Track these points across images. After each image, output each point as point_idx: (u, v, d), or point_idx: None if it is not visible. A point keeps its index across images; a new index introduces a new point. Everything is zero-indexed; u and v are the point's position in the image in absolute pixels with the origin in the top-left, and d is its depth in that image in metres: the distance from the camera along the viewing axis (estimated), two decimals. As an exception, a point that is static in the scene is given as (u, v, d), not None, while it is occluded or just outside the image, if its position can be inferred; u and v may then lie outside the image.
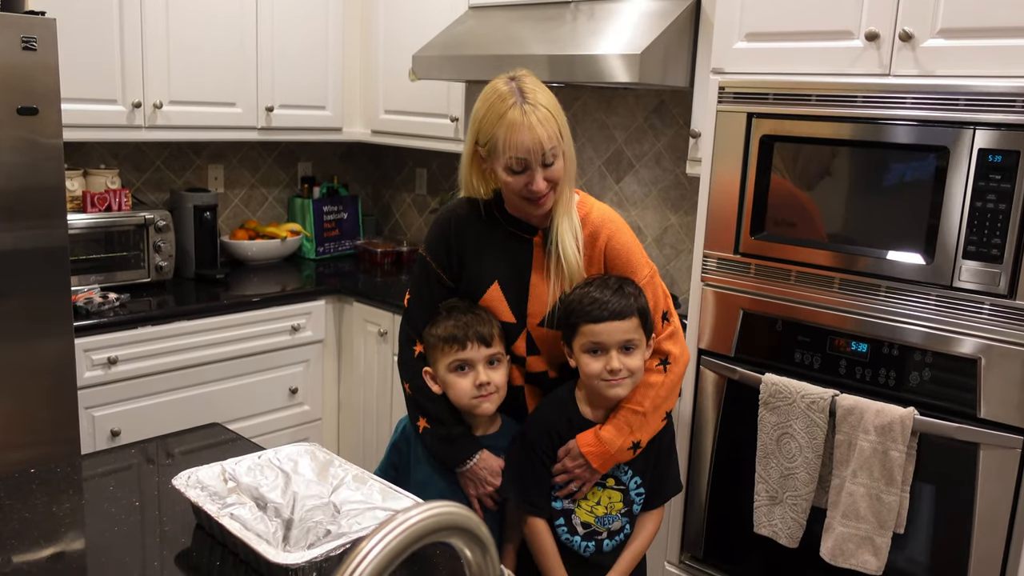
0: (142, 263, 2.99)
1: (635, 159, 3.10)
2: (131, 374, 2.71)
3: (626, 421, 1.77)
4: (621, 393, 1.74)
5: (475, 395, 1.76)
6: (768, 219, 2.08)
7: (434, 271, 1.85)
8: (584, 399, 1.82)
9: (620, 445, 1.76)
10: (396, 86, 3.39)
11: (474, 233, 1.83)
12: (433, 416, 1.81)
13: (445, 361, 1.77)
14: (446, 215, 1.86)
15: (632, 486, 1.83)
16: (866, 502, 1.91)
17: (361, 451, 3.31)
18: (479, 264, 1.84)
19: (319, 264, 3.68)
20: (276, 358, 3.10)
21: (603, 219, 1.81)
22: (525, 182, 1.69)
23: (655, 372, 1.80)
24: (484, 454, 1.81)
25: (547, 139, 1.66)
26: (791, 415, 2.02)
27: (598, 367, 1.71)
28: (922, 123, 1.82)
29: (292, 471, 1.53)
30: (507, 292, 1.84)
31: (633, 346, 1.72)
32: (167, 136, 3.02)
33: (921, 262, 1.85)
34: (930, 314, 1.86)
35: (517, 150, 1.65)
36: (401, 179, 4.02)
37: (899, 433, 1.86)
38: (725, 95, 2.11)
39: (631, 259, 1.80)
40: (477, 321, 1.77)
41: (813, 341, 2.03)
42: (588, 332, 1.72)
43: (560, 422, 1.80)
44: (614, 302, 1.71)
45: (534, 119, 1.65)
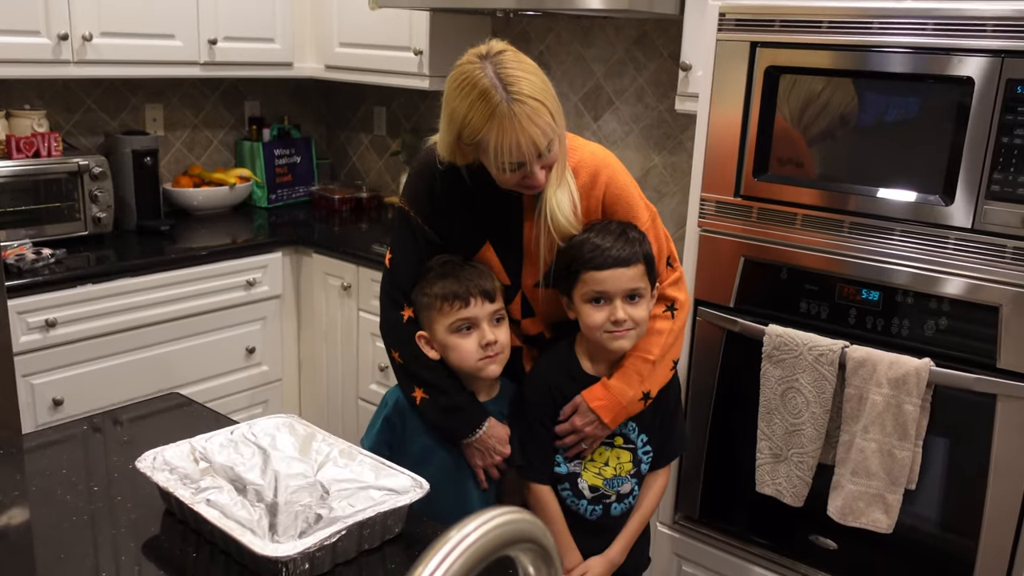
0: (77, 215, 2.80)
1: (615, 95, 2.98)
2: (72, 337, 2.55)
3: (636, 370, 1.71)
4: (626, 346, 1.68)
5: (481, 356, 1.66)
6: (772, 158, 2.00)
7: (419, 226, 1.73)
8: (585, 353, 1.75)
9: (631, 396, 1.70)
10: (352, 16, 3.20)
11: (461, 183, 1.70)
12: (432, 385, 1.70)
13: (446, 322, 1.67)
14: (428, 164, 1.71)
15: (640, 444, 1.77)
16: (877, 458, 1.87)
17: (326, 412, 3.21)
18: (469, 219, 1.73)
19: (271, 213, 3.52)
20: (230, 316, 2.96)
21: (597, 163, 1.70)
22: (520, 177, 1.57)
23: (662, 318, 1.74)
24: (491, 421, 1.72)
25: (541, 135, 1.51)
26: (797, 368, 1.96)
27: (601, 318, 1.65)
28: (944, 51, 1.73)
29: (270, 447, 1.42)
30: (500, 252, 1.74)
31: (638, 295, 1.66)
32: (99, 72, 2.81)
33: (940, 203, 1.79)
34: (948, 259, 1.80)
35: (512, 155, 1.52)
36: (358, 119, 3.84)
37: (914, 386, 1.82)
38: (726, 22, 2.00)
39: (631, 203, 1.72)
40: (478, 275, 1.68)
41: (820, 290, 1.97)
42: (590, 280, 1.64)
43: (561, 379, 1.74)
44: (618, 248, 1.63)
45: (524, 117, 1.49)
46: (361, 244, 3.03)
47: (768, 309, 2.05)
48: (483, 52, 1.53)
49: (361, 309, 2.98)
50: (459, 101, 1.53)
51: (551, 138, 1.54)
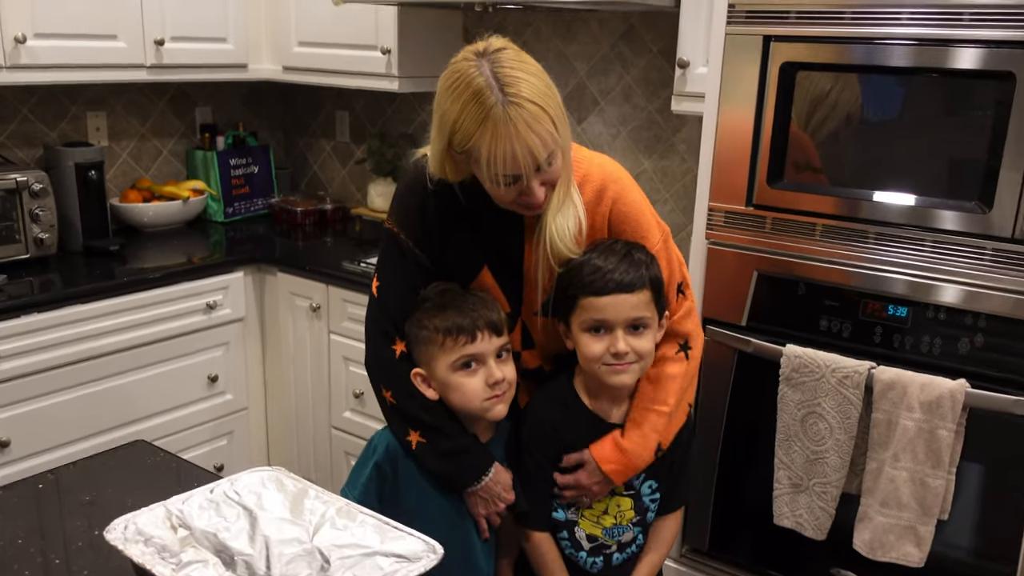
0: (17, 236, 2.62)
1: (600, 95, 2.88)
2: (16, 372, 2.38)
3: (652, 426, 1.59)
4: (627, 381, 1.56)
5: (488, 396, 1.54)
6: (788, 164, 1.91)
7: (410, 250, 1.59)
8: (584, 388, 1.64)
9: (647, 456, 1.60)
10: (312, 13, 3.06)
11: (456, 200, 1.57)
12: (431, 427, 1.57)
13: (448, 359, 1.54)
14: (417, 180, 1.58)
15: (646, 491, 1.67)
16: (909, 488, 1.80)
17: (296, 443, 3.06)
18: (465, 242, 1.60)
19: (229, 228, 3.35)
20: (190, 342, 2.80)
21: (605, 177, 1.59)
22: (517, 193, 1.45)
23: (675, 361, 1.62)
24: (497, 467, 1.60)
25: (540, 145, 1.38)
26: (819, 392, 1.88)
27: (600, 349, 1.53)
28: (982, 44, 1.66)
29: (257, 507, 1.29)
30: (500, 278, 1.61)
31: (643, 325, 1.54)
32: (34, 78, 2.63)
33: (977, 211, 1.72)
34: (984, 271, 1.73)
35: (506, 166, 1.39)
36: (318, 124, 3.70)
37: (948, 409, 1.75)
38: (736, 14, 1.91)
39: (641, 222, 1.60)
40: (482, 305, 1.55)
41: (843, 306, 1.89)
42: (589, 307, 1.52)
43: (559, 416, 1.63)
44: (621, 271, 1.51)
45: (521, 124, 1.36)
46: (329, 261, 2.89)
47: (785, 327, 1.97)
48: (480, 49, 1.41)
49: (332, 331, 2.84)
50: (450, 103, 1.41)
51: (552, 150, 1.41)
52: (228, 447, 2.98)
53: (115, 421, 2.62)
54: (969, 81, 1.69)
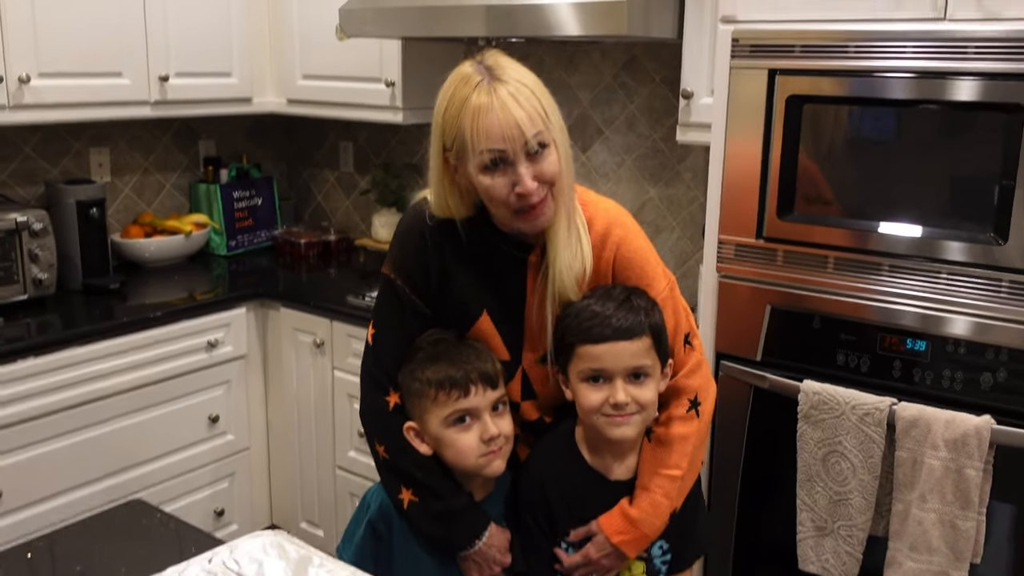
0: (16, 277, 2.56)
1: (604, 124, 2.82)
2: (11, 419, 2.30)
3: (664, 493, 1.49)
4: (628, 433, 1.47)
5: (483, 452, 1.46)
6: (798, 196, 1.85)
7: (408, 297, 1.53)
8: (586, 442, 1.54)
9: (660, 525, 1.50)
10: (316, 47, 3.02)
11: (455, 246, 1.51)
12: (424, 486, 1.49)
13: (441, 413, 1.46)
14: (415, 223, 1.53)
15: (656, 552, 1.57)
16: (938, 530, 1.71)
17: (299, 483, 2.98)
18: (464, 287, 1.53)
19: (232, 261, 3.30)
20: (191, 381, 2.73)
21: (610, 221, 1.52)
22: (510, 184, 1.37)
23: (686, 421, 1.52)
24: (492, 529, 1.52)
25: (527, 120, 1.34)
26: (840, 430, 1.80)
27: (598, 399, 1.44)
28: (989, 76, 1.60)
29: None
30: (499, 324, 1.54)
31: (644, 373, 1.45)
32: (38, 117, 2.58)
33: (992, 242, 1.64)
34: (1002, 303, 1.66)
35: (490, 139, 1.34)
36: (322, 155, 3.65)
37: (975, 447, 1.66)
38: (740, 48, 1.85)
39: (646, 269, 1.52)
40: (476, 357, 1.47)
41: (859, 340, 1.81)
42: (587, 356, 1.44)
43: (559, 472, 1.53)
44: (620, 317, 1.43)
45: (505, 95, 1.34)
46: (333, 295, 2.83)
47: (801, 362, 1.89)
48: (478, 58, 1.42)
49: (336, 368, 2.77)
50: (441, 96, 1.40)
51: (540, 131, 1.36)
52: (229, 489, 2.90)
53: (113, 467, 2.54)
54: (978, 113, 1.62)
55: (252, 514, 3.00)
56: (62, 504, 2.44)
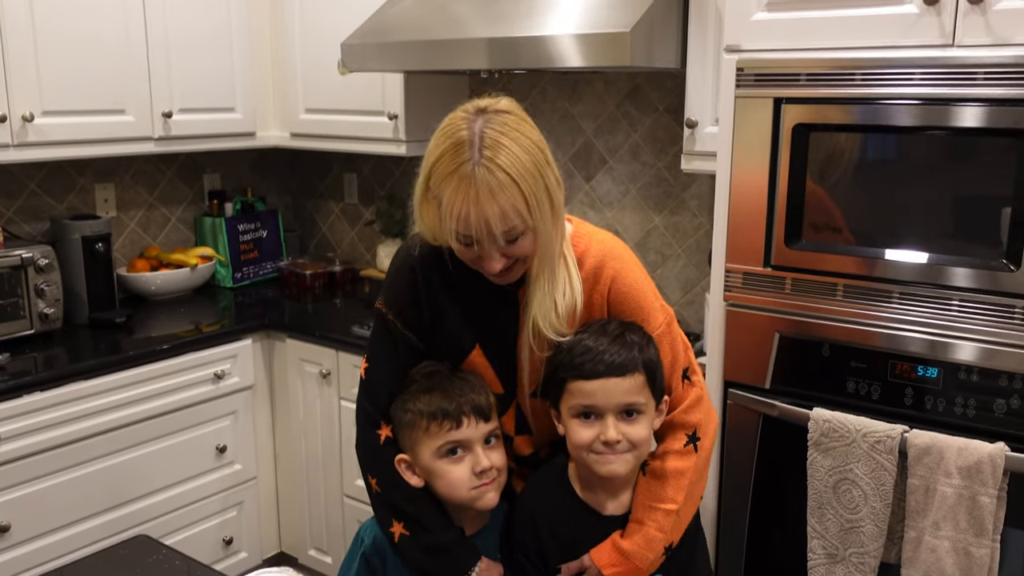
0: (22, 312, 2.53)
1: (608, 153, 2.81)
2: (19, 453, 2.27)
3: (658, 527, 1.45)
4: (618, 471, 1.42)
5: (475, 485, 1.44)
6: (806, 224, 1.82)
7: (400, 332, 1.50)
8: (578, 478, 1.50)
9: (653, 559, 1.45)
10: (319, 81, 3.01)
11: (446, 280, 1.49)
12: (414, 519, 1.47)
13: (433, 444, 1.44)
14: (407, 259, 1.51)
15: None
16: (952, 558, 1.67)
17: (308, 512, 2.93)
18: (457, 321, 1.50)
19: (237, 293, 3.27)
20: (198, 413, 2.69)
21: (604, 254, 1.48)
22: (475, 256, 1.36)
23: (684, 455, 1.48)
24: (484, 563, 1.48)
25: (499, 217, 1.29)
26: (851, 457, 1.76)
27: (589, 436, 1.40)
28: (998, 102, 1.58)
29: (264, 616, 1.17)
30: (492, 357, 1.51)
31: (636, 411, 1.41)
32: (42, 155, 2.57)
33: (1004, 269, 1.62)
34: (1015, 330, 1.63)
35: (461, 223, 1.31)
36: (326, 187, 3.63)
37: (989, 475, 1.63)
38: (745, 77, 1.83)
39: (642, 304, 1.48)
40: (469, 389, 1.45)
41: (870, 367, 1.78)
42: (578, 392, 1.40)
43: (551, 507, 1.49)
44: (612, 353, 1.39)
45: (485, 188, 1.28)
46: (339, 325, 2.80)
47: (810, 390, 1.85)
48: (483, 105, 1.35)
49: (343, 398, 2.73)
50: (435, 144, 1.35)
51: (514, 225, 1.31)
52: (238, 518, 2.85)
53: (122, 498, 2.51)
54: (987, 138, 1.60)
55: (261, 542, 2.96)
56: (71, 536, 2.40)
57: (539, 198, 1.32)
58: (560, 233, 1.41)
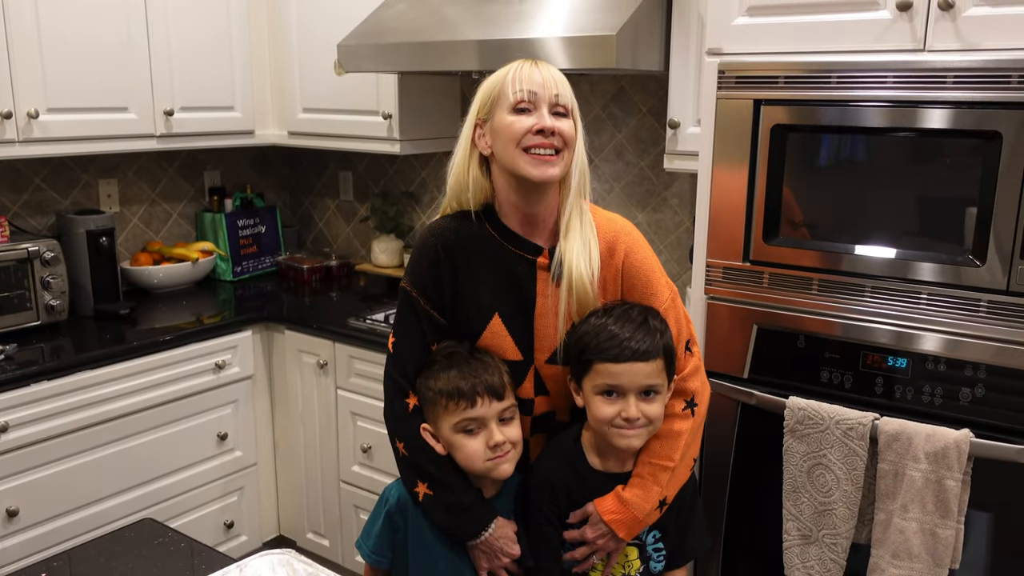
0: (28, 304, 2.52)
1: (593, 153, 2.81)
2: (26, 440, 2.26)
3: (654, 479, 1.53)
4: (635, 444, 1.50)
5: (490, 457, 1.49)
6: (783, 221, 1.83)
7: (423, 308, 1.55)
8: (592, 447, 1.57)
9: (649, 509, 1.52)
10: (316, 81, 3.00)
11: (466, 255, 1.54)
12: (437, 481, 1.52)
13: (451, 420, 1.49)
14: (431, 238, 1.57)
15: (650, 540, 1.60)
16: (919, 538, 1.69)
17: (305, 497, 2.94)
18: (476, 293, 1.55)
19: (237, 286, 3.26)
20: (200, 401, 2.69)
21: (617, 231, 1.55)
22: (533, 122, 1.44)
23: (681, 418, 1.56)
24: (499, 521, 1.54)
25: (559, 82, 1.47)
26: (824, 443, 1.78)
27: (611, 412, 1.47)
28: (967, 105, 1.59)
29: (265, 595, 1.18)
30: (511, 325, 1.55)
31: (654, 391, 1.48)
32: (47, 151, 2.55)
33: (970, 264, 1.63)
34: (980, 322, 1.64)
35: (527, 82, 1.45)
36: (323, 184, 3.62)
37: (955, 460, 1.65)
38: (726, 80, 1.84)
39: (651, 279, 1.55)
40: (484, 370, 1.49)
41: (843, 358, 1.80)
42: (604, 372, 1.46)
43: (565, 474, 1.55)
44: (638, 339, 1.45)
45: (544, 65, 1.49)
46: (335, 318, 2.80)
47: (787, 380, 1.87)
48: None
49: (339, 387, 2.74)
50: (487, 81, 1.51)
51: (568, 100, 1.48)
52: (239, 503, 2.85)
53: (126, 484, 2.50)
54: (956, 140, 1.61)
55: (261, 526, 2.96)
56: (77, 520, 2.39)
57: (575, 103, 1.50)
58: (585, 171, 1.54)
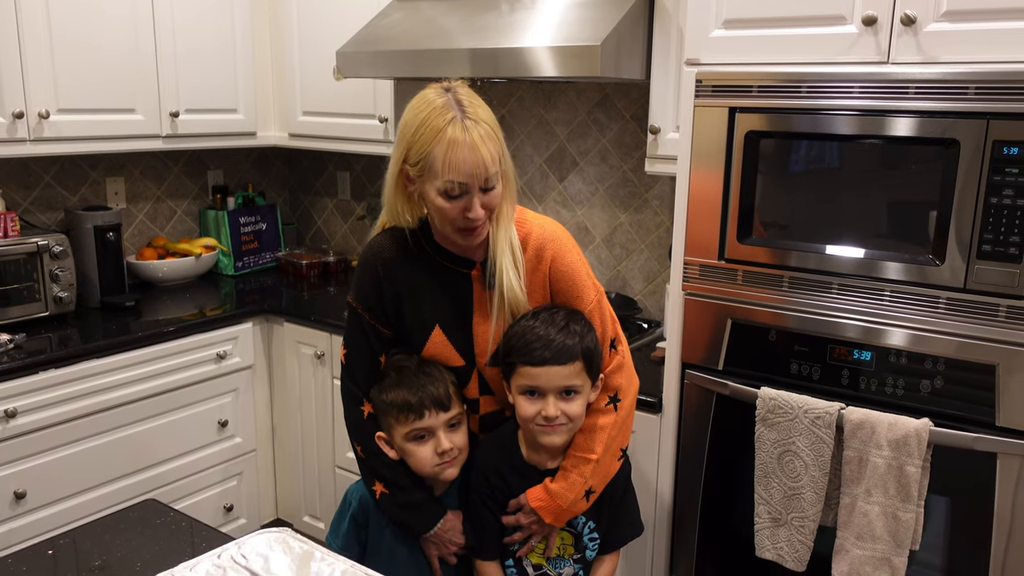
0: (38, 295, 2.52)
1: (579, 156, 2.83)
2: (34, 426, 2.26)
3: (578, 472, 1.56)
4: (556, 441, 1.53)
5: (438, 463, 1.54)
6: (756, 222, 1.85)
7: (368, 323, 1.58)
8: (525, 441, 1.60)
9: (572, 498, 1.56)
10: (315, 86, 3.00)
11: (405, 273, 1.56)
12: (391, 482, 1.57)
13: (402, 430, 1.54)
14: (371, 258, 1.58)
15: (585, 531, 1.63)
16: (882, 521, 1.71)
17: (302, 482, 2.94)
18: (417, 307, 1.57)
19: (238, 280, 3.26)
20: (202, 390, 2.69)
21: (545, 237, 1.56)
22: (462, 208, 1.42)
23: (604, 413, 1.58)
24: (448, 516, 1.60)
25: (491, 161, 1.40)
26: (793, 431, 1.80)
27: (533, 411, 1.50)
28: (928, 114, 1.61)
29: (263, 571, 1.19)
30: (451, 335, 1.58)
31: (574, 391, 1.50)
32: (57, 150, 2.55)
33: (931, 263, 1.66)
34: (940, 318, 1.67)
35: (458, 173, 1.38)
36: (321, 184, 3.62)
37: (915, 447, 1.67)
38: (703, 88, 1.86)
39: (576, 281, 1.57)
40: (430, 383, 1.53)
41: (811, 351, 1.82)
42: (525, 374, 1.49)
43: (500, 465, 1.60)
44: (557, 343, 1.47)
45: (476, 137, 1.38)
46: (332, 311, 2.80)
47: (759, 371, 1.89)
48: (446, 85, 1.45)
49: (335, 377, 2.74)
50: (412, 116, 1.42)
51: (496, 171, 1.42)
52: (238, 487, 2.85)
53: (129, 468, 2.50)
54: (918, 147, 1.63)
55: (259, 509, 2.96)
56: (82, 502, 2.39)
57: (504, 147, 1.45)
58: (514, 200, 1.52)
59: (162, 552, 1.24)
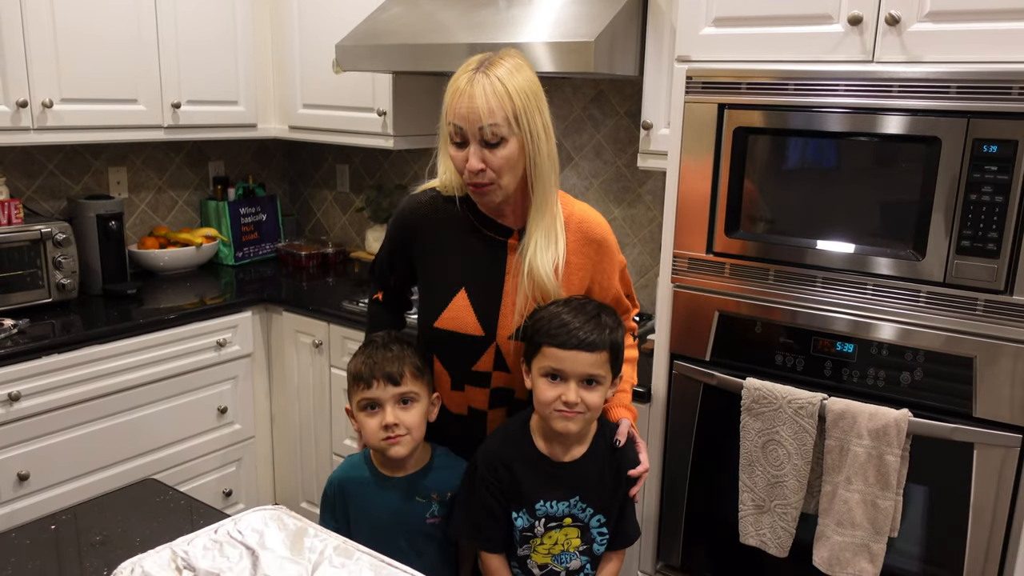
0: (41, 282, 2.55)
1: (574, 151, 2.86)
2: (37, 409, 2.29)
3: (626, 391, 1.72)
4: (572, 428, 1.50)
5: (383, 436, 1.54)
6: (743, 216, 1.88)
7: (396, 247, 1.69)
8: (538, 430, 1.58)
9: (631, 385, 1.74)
10: (315, 79, 3.03)
11: (437, 230, 1.59)
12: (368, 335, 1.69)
13: (355, 399, 1.57)
14: (407, 206, 1.65)
15: (594, 524, 1.59)
16: (861, 509, 1.75)
17: (300, 468, 2.98)
18: (443, 265, 1.59)
19: (238, 270, 3.29)
20: (202, 377, 2.72)
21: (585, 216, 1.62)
22: (464, 158, 1.46)
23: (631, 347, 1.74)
24: None
25: (486, 111, 1.40)
26: (777, 421, 1.83)
27: (553, 395, 1.48)
28: (911, 112, 1.64)
29: (258, 546, 1.22)
30: (475, 300, 1.58)
31: (596, 381, 1.49)
32: (60, 138, 2.57)
33: (912, 258, 1.69)
34: (920, 311, 1.70)
35: (455, 115, 1.43)
36: (321, 176, 3.65)
37: (894, 437, 1.70)
38: (693, 85, 1.89)
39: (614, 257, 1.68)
40: (386, 359, 1.55)
41: (796, 343, 1.85)
42: (550, 356, 1.48)
43: (512, 456, 1.56)
44: (586, 331, 1.47)
45: (479, 89, 1.40)
46: (331, 301, 2.84)
47: (745, 362, 1.92)
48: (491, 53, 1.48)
49: (333, 366, 2.77)
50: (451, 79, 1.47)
51: (497, 123, 1.41)
52: (236, 473, 2.89)
53: (130, 452, 2.54)
54: (900, 144, 1.67)
55: (257, 495, 3.00)
56: (83, 486, 2.43)
57: (531, 117, 1.43)
58: (555, 180, 1.52)
59: (161, 528, 1.28)
